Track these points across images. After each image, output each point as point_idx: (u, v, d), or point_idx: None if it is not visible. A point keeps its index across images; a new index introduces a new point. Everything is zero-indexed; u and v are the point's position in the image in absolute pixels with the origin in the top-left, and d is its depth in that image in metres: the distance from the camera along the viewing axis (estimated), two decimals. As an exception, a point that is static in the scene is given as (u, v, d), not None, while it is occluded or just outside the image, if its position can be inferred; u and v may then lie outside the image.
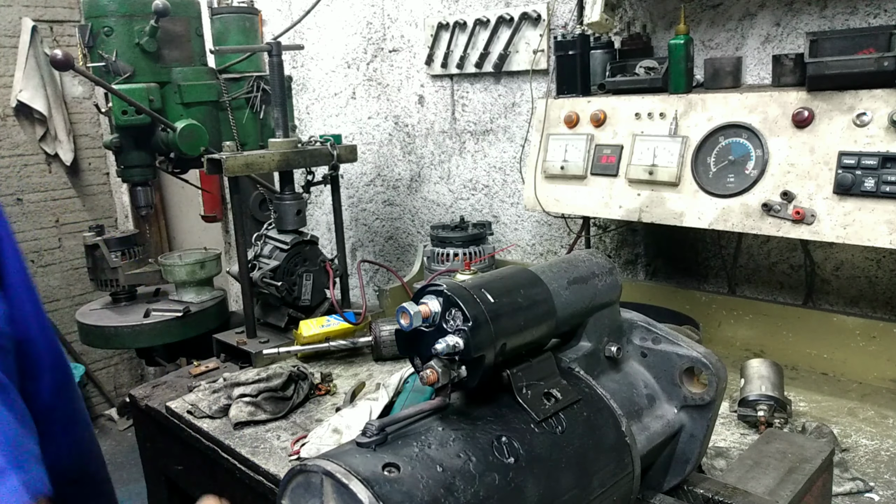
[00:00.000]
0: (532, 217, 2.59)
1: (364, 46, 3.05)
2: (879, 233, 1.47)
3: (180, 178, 2.81)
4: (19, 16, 4.44)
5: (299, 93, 3.36)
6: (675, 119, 1.75)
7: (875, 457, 1.41)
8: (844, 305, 1.92)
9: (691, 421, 0.80)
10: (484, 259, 2.32)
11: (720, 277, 2.14)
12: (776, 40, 1.91)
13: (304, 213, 2.37)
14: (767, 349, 1.91)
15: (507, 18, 2.42)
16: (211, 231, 4.21)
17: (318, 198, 3.45)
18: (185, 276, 2.81)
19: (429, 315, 0.62)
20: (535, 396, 0.66)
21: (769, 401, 1.49)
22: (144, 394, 2.02)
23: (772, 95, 1.62)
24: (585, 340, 0.77)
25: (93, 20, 2.39)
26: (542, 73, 2.42)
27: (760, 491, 0.89)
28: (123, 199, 4.98)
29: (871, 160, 1.46)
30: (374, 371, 2.05)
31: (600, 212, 1.92)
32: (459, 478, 0.55)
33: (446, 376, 0.62)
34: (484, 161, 2.71)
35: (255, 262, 2.31)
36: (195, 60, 2.58)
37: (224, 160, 2.08)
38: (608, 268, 0.79)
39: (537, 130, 2.04)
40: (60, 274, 4.87)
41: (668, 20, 2.09)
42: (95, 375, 5.03)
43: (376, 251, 3.24)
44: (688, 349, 0.79)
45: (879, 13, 1.74)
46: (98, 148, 4.95)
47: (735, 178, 1.66)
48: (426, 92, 2.85)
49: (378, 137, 3.10)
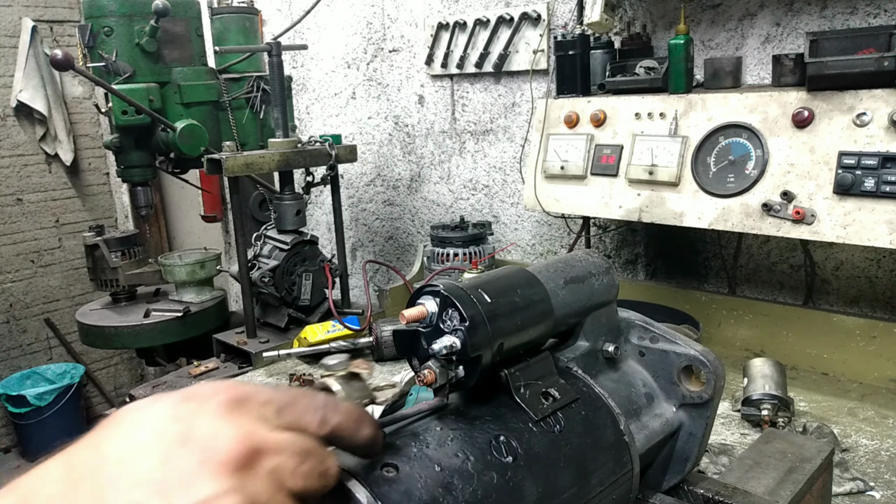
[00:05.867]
0: (532, 217, 2.59)
1: (364, 46, 3.05)
2: (879, 233, 1.46)
3: (180, 178, 2.81)
4: (19, 16, 4.45)
5: (299, 93, 3.37)
6: (675, 119, 1.75)
7: (875, 457, 1.40)
8: (844, 305, 1.92)
9: (690, 419, 0.80)
10: (484, 259, 2.32)
11: (720, 277, 2.14)
12: (776, 40, 1.90)
13: (303, 213, 2.37)
14: (767, 349, 1.91)
15: (507, 18, 2.42)
16: (211, 231, 4.21)
17: (318, 198, 3.45)
18: (185, 276, 2.81)
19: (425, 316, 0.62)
20: (533, 396, 0.66)
21: (773, 400, 1.49)
22: (144, 394, 2.02)
23: (772, 95, 1.61)
24: (583, 340, 0.77)
25: (93, 20, 2.39)
26: (542, 73, 2.42)
27: (760, 491, 0.89)
28: (123, 199, 4.98)
29: (871, 160, 1.46)
30: (375, 371, 2.05)
31: (600, 212, 1.92)
32: (458, 477, 0.55)
33: (444, 376, 0.61)
34: (484, 161, 2.71)
35: (255, 262, 2.31)
36: (195, 60, 2.58)
37: (224, 160, 2.08)
38: (605, 267, 0.79)
39: (537, 130, 2.04)
40: (60, 274, 4.87)
41: (668, 20, 2.09)
42: (95, 375, 5.03)
43: (376, 251, 3.24)
44: (685, 347, 0.79)
45: (879, 13, 1.74)
46: (98, 148, 4.95)
47: (735, 178, 1.66)
48: (426, 92, 2.85)
49: (378, 137, 3.10)
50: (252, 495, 0.41)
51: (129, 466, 0.40)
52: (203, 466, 0.40)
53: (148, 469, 0.40)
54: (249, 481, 0.42)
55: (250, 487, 0.41)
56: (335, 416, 0.49)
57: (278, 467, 0.44)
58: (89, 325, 2.81)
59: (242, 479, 0.41)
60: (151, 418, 0.43)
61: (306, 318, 2.36)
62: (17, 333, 4.72)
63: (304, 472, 0.45)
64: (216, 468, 0.41)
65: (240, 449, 0.42)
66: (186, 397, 0.45)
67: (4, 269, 4.61)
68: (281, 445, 0.45)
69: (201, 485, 0.40)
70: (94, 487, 0.40)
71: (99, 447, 0.42)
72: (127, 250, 2.92)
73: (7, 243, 4.60)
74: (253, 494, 0.41)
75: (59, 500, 0.40)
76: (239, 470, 0.41)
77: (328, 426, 0.49)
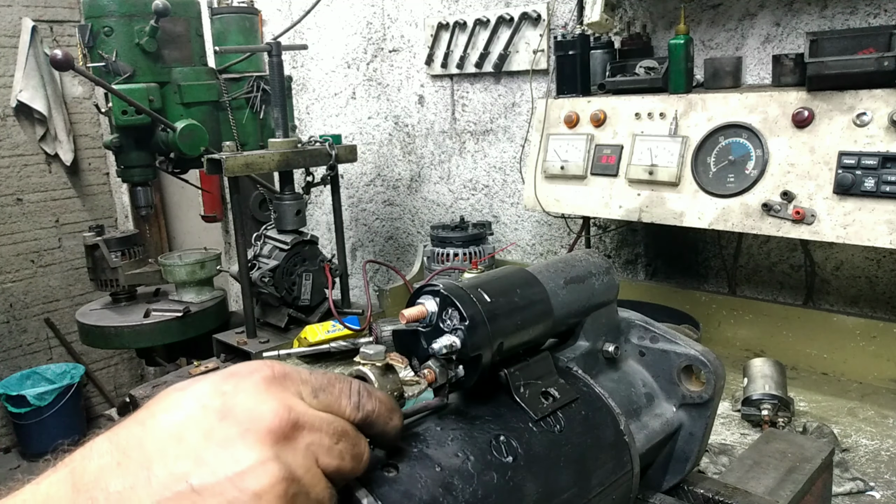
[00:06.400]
0: (532, 217, 2.59)
1: (364, 46, 3.05)
2: (879, 233, 1.46)
3: (180, 178, 2.81)
4: (19, 16, 4.45)
5: (299, 93, 3.37)
6: (675, 119, 1.75)
7: (875, 457, 1.40)
8: (844, 305, 1.92)
9: (690, 419, 0.80)
10: (484, 259, 2.32)
11: (720, 277, 2.14)
12: (776, 40, 1.90)
13: (303, 213, 2.37)
14: (767, 349, 1.91)
15: (507, 18, 2.42)
16: (211, 231, 4.21)
17: (318, 198, 3.45)
18: (185, 276, 2.81)
19: (425, 315, 0.62)
20: (533, 395, 0.66)
21: (773, 400, 1.49)
22: (144, 394, 2.02)
23: (772, 95, 1.61)
24: (583, 340, 0.77)
25: (93, 20, 2.39)
26: (542, 73, 2.42)
27: (760, 491, 0.89)
28: (123, 199, 4.98)
29: (871, 160, 1.46)
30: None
31: (600, 212, 1.92)
32: (458, 477, 0.55)
33: (444, 376, 0.61)
34: (484, 161, 2.71)
35: (255, 262, 2.31)
36: (195, 60, 2.58)
37: (224, 160, 2.08)
38: (605, 267, 0.79)
39: (537, 130, 2.04)
40: (60, 274, 4.87)
41: (668, 20, 2.09)
42: (95, 375, 5.03)
43: (376, 251, 3.24)
44: (685, 347, 0.79)
45: (879, 13, 1.74)
46: (98, 148, 4.95)
47: (735, 178, 1.66)
48: (426, 92, 2.85)
49: (378, 137, 3.10)
50: (290, 466, 0.42)
51: (173, 439, 0.42)
52: (244, 437, 0.42)
53: (191, 441, 0.42)
54: (289, 453, 0.43)
55: (289, 459, 0.43)
56: (369, 402, 0.51)
57: (315, 443, 0.45)
58: (89, 325, 2.81)
59: (282, 449, 0.43)
60: (195, 395, 0.45)
61: (306, 318, 2.36)
62: (17, 333, 4.72)
63: (339, 452, 0.46)
64: (257, 438, 0.42)
65: (279, 421, 0.43)
66: (227, 375, 0.46)
67: (4, 269, 4.61)
68: (318, 423, 0.46)
69: (242, 454, 0.41)
70: (142, 459, 0.41)
71: (145, 424, 0.44)
72: (127, 250, 2.92)
73: (7, 243, 4.60)
74: (291, 465, 0.43)
75: (108, 472, 0.41)
76: (278, 441, 0.43)
77: (362, 412, 0.50)
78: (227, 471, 0.41)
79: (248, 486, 0.40)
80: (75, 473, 0.42)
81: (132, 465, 0.41)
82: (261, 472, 0.41)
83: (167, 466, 0.41)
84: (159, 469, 0.41)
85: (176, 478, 0.40)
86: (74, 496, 0.41)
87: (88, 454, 0.43)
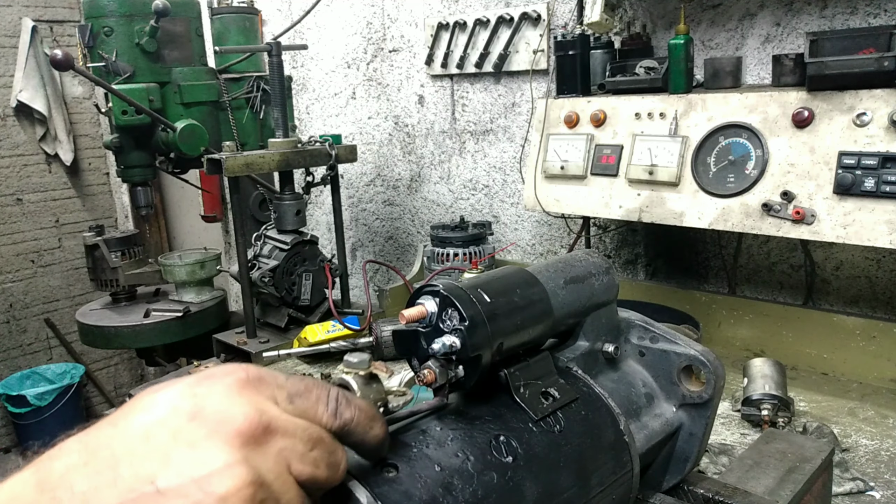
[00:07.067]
0: (532, 217, 2.59)
1: (364, 46, 3.05)
2: (879, 233, 1.46)
3: (180, 178, 2.81)
4: (19, 16, 4.45)
5: (299, 93, 3.37)
6: (675, 119, 1.75)
7: (875, 457, 1.40)
8: (844, 305, 1.92)
9: (690, 419, 0.80)
10: (484, 259, 2.32)
11: (720, 277, 2.14)
12: (776, 40, 1.90)
13: (303, 213, 2.37)
14: (767, 349, 1.91)
15: (507, 18, 2.42)
16: (211, 231, 4.21)
17: (318, 198, 3.45)
18: (185, 277, 2.81)
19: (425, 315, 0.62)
20: (533, 395, 0.66)
21: (773, 400, 1.49)
22: (144, 394, 2.01)
23: (772, 95, 1.61)
24: (583, 340, 0.77)
25: (93, 20, 2.39)
26: (542, 73, 2.42)
27: (760, 491, 0.89)
28: (123, 199, 4.98)
29: (871, 160, 1.46)
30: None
31: (600, 212, 1.92)
32: (458, 477, 0.55)
33: (444, 376, 0.61)
34: (484, 161, 2.71)
35: (255, 262, 2.31)
36: (195, 60, 2.58)
37: (224, 160, 2.08)
38: (605, 267, 0.79)
39: (537, 130, 2.04)
40: (60, 274, 4.87)
41: (668, 20, 2.09)
42: (95, 375, 5.03)
43: (376, 251, 3.24)
44: (685, 347, 0.79)
45: (879, 13, 1.74)
46: (98, 148, 4.95)
47: (735, 178, 1.66)
48: (426, 92, 2.85)
49: (378, 137, 3.10)
50: (259, 471, 0.41)
51: (142, 440, 0.41)
52: (212, 438, 0.41)
53: (159, 442, 0.41)
54: (258, 457, 0.42)
55: (259, 463, 0.42)
56: (348, 410, 0.49)
57: (287, 448, 0.44)
58: (89, 325, 2.81)
59: (251, 453, 0.42)
60: (168, 397, 0.44)
61: (306, 318, 2.36)
62: (17, 333, 4.72)
63: (313, 459, 0.45)
64: (225, 440, 0.41)
65: (249, 424, 0.42)
66: (202, 377, 0.45)
67: (4, 269, 4.61)
68: (292, 428, 0.45)
69: (210, 456, 0.41)
70: (109, 460, 0.41)
71: (116, 424, 0.43)
72: (127, 250, 2.92)
73: (7, 243, 4.60)
74: (260, 470, 0.42)
75: (75, 472, 0.41)
76: (247, 444, 0.42)
77: (340, 420, 0.49)
78: (193, 472, 0.40)
79: (214, 489, 0.39)
80: (41, 472, 0.41)
81: (99, 465, 0.41)
82: (227, 474, 0.40)
83: (133, 467, 0.40)
84: (125, 469, 0.40)
85: (141, 479, 0.40)
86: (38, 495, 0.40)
87: (57, 454, 0.42)
